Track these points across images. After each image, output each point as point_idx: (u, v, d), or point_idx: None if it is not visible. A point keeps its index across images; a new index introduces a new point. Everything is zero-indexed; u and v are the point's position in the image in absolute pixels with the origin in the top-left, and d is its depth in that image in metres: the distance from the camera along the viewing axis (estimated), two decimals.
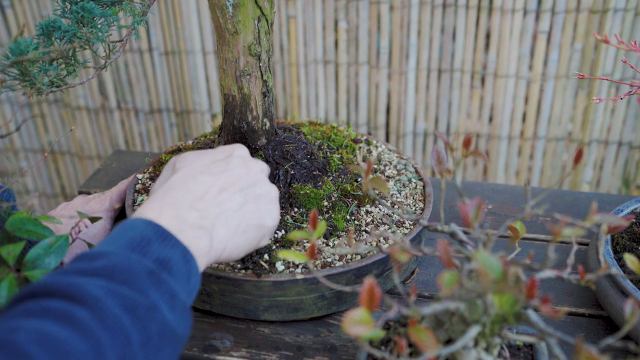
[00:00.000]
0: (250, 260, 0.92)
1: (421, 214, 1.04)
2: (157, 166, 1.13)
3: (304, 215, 0.99)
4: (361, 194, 1.03)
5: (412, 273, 1.05)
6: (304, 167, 1.03)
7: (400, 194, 1.08)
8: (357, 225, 1.00)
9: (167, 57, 2.19)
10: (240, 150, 0.87)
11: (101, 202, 1.07)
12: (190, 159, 0.83)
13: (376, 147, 1.21)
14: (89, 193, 1.28)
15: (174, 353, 0.66)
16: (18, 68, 0.82)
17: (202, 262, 0.73)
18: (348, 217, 1.01)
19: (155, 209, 0.73)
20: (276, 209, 0.86)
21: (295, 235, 0.73)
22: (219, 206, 0.77)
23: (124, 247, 0.67)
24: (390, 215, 1.03)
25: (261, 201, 0.83)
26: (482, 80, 2.11)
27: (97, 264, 0.63)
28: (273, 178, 1.02)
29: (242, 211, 0.80)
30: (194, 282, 0.70)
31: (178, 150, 1.16)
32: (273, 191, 0.86)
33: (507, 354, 0.76)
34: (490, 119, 2.16)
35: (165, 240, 0.69)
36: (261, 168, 0.87)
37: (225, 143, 1.04)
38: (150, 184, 1.09)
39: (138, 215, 0.73)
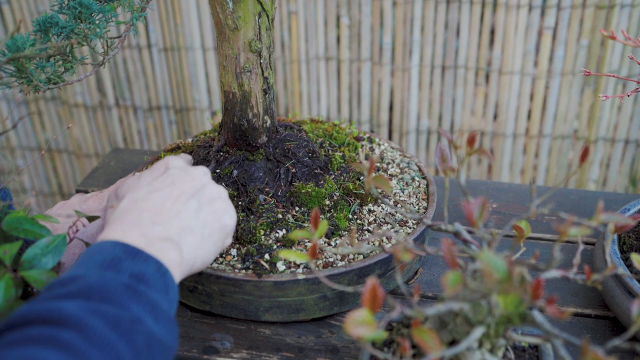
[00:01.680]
0: (251, 260, 0.92)
1: (424, 213, 1.04)
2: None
3: (306, 214, 0.99)
4: (363, 192, 1.03)
5: (416, 273, 1.05)
6: (305, 166, 1.03)
7: (403, 192, 1.08)
8: (360, 224, 1.00)
9: (166, 53, 2.19)
10: (174, 162, 0.88)
11: (99, 201, 1.07)
12: (131, 184, 0.85)
13: (379, 145, 1.21)
14: (86, 192, 1.28)
15: None
16: (15, 65, 0.82)
17: (177, 274, 0.73)
18: (350, 216, 1.01)
19: (118, 231, 0.73)
20: (231, 207, 0.87)
21: (296, 234, 0.73)
22: (178, 217, 0.78)
23: (95, 267, 0.66)
24: (393, 215, 1.03)
25: (215, 203, 0.84)
26: (487, 77, 2.11)
27: (72, 287, 0.63)
28: (274, 176, 1.02)
29: (201, 216, 0.81)
30: (172, 294, 0.70)
31: (177, 148, 1.16)
32: (222, 192, 0.87)
33: (512, 355, 0.76)
34: (495, 117, 2.16)
35: (136, 256, 0.69)
36: (203, 172, 0.88)
37: (226, 141, 1.04)
38: None
39: (102, 239, 0.72)
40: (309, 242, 0.96)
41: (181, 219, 0.78)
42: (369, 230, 0.99)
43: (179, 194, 0.81)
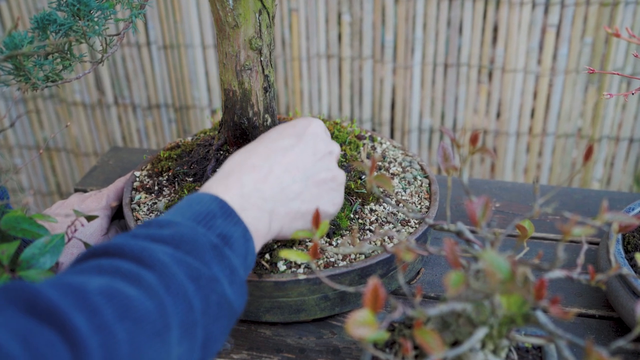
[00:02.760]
0: None
1: (427, 212, 1.04)
2: (155, 163, 1.13)
3: None
4: (365, 191, 1.03)
5: (418, 273, 1.05)
6: None
7: (405, 191, 1.08)
8: (361, 224, 1.00)
9: (165, 51, 2.19)
10: (314, 128, 0.88)
11: (98, 200, 1.07)
12: (263, 134, 0.88)
13: (380, 143, 1.21)
14: (85, 191, 1.28)
15: (228, 325, 0.69)
16: (12, 62, 0.82)
17: (259, 243, 0.77)
18: (352, 215, 1.01)
19: (221, 185, 0.77)
20: (340, 195, 0.89)
21: (297, 234, 0.73)
22: (280, 188, 0.80)
23: (190, 219, 0.71)
24: (395, 214, 1.03)
25: (324, 186, 0.85)
26: (490, 75, 2.11)
27: (166, 231, 0.68)
28: None
29: (303, 195, 0.82)
30: (250, 261, 0.74)
31: (177, 147, 1.16)
32: (339, 177, 0.88)
33: (515, 356, 0.76)
34: (498, 115, 2.16)
35: (229, 217, 0.73)
36: (330, 150, 0.88)
37: (225, 140, 1.04)
38: (148, 182, 1.09)
39: (205, 189, 0.77)
40: (310, 241, 0.96)
41: (282, 191, 0.80)
42: (370, 230, 0.99)
43: (293, 166, 0.82)
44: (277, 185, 0.80)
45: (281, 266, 0.92)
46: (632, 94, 0.94)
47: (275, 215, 0.79)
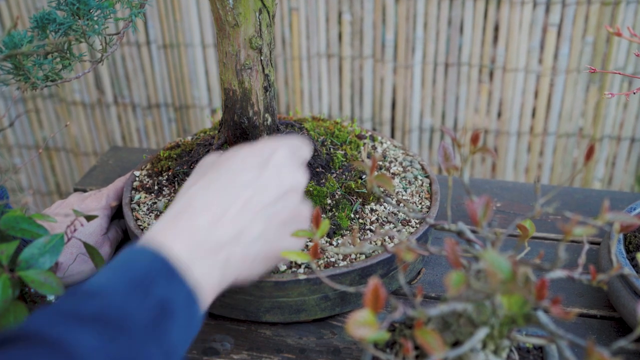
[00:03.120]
0: None
1: (427, 212, 1.04)
2: (154, 163, 1.13)
3: None
4: (366, 191, 1.03)
5: (419, 273, 1.05)
6: (306, 164, 1.03)
7: (406, 191, 1.08)
8: (362, 223, 1.00)
9: (165, 50, 2.19)
10: (280, 156, 0.77)
11: (97, 200, 1.07)
12: (220, 161, 0.77)
13: (381, 143, 1.21)
14: (84, 190, 1.28)
15: None
16: (12, 62, 0.82)
17: (210, 296, 0.69)
18: (352, 215, 1.01)
19: (171, 230, 0.68)
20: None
21: (297, 234, 0.73)
22: (239, 231, 0.71)
23: (125, 283, 0.62)
24: (395, 214, 1.03)
25: (287, 226, 0.76)
26: (491, 75, 2.11)
27: (92, 305, 0.59)
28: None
29: (263, 237, 0.73)
30: (195, 326, 0.66)
31: (177, 147, 1.16)
32: (304, 212, 0.78)
33: (516, 356, 0.76)
34: (499, 115, 2.16)
35: (173, 277, 0.64)
36: (296, 182, 0.77)
37: (225, 140, 1.04)
38: (148, 181, 1.09)
39: (153, 235, 0.67)
40: (310, 241, 0.96)
41: (240, 234, 0.71)
42: (371, 230, 0.99)
43: (254, 204, 0.72)
44: (235, 226, 0.70)
45: (281, 266, 0.92)
46: (634, 93, 0.94)
47: (230, 262, 0.70)
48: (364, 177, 1.07)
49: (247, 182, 0.73)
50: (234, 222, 0.71)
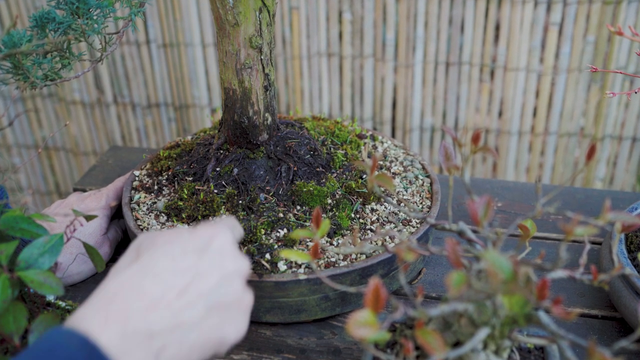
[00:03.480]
0: (252, 259, 0.92)
1: (428, 212, 1.04)
2: (154, 162, 1.13)
3: (307, 213, 0.99)
4: (366, 191, 1.03)
5: (419, 273, 1.05)
6: (306, 164, 1.03)
7: (406, 191, 1.08)
8: (362, 223, 1.00)
9: (165, 49, 2.19)
10: (220, 241, 0.72)
11: (97, 200, 1.07)
12: (158, 243, 0.71)
13: (382, 142, 1.21)
14: (84, 190, 1.28)
15: None
16: (11, 61, 0.82)
17: None
18: (353, 215, 1.01)
19: (101, 317, 0.61)
20: (244, 321, 0.72)
21: (298, 234, 0.73)
22: (175, 317, 0.65)
23: None
24: (396, 214, 1.03)
25: (228, 312, 0.70)
26: (492, 74, 2.11)
27: None
28: (275, 175, 1.02)
29: (202, 326, 0.67)
30: None
31: (176, 146, 1.16)
32: (246, 299, 0.72)
33: (517, 356, 0.76)
34: (500, 114, 2.16)
35: None
36: (238, 268, 0.72)
37: (225, 139, 1.04)
38: (147, 181, 1.09)
39: (79, 320, 0.61)
40: (310, 241, 0.96)
41: (177, 321, 0.65)
42: (371, 230, 0.99)
43: (193, 291, 0.67)
44: (170, 314, 0.64)
45: (282, 266, 0.92)
46: (635, 92, 0.94)
47: (165, 352, 0.64)
48: (364, 176, 1.07)
49: (186, 268, 0.68)
50: (170, 308, 0.65)
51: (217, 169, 1.03)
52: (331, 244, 0.96)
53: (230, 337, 0.70)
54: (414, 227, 1.01)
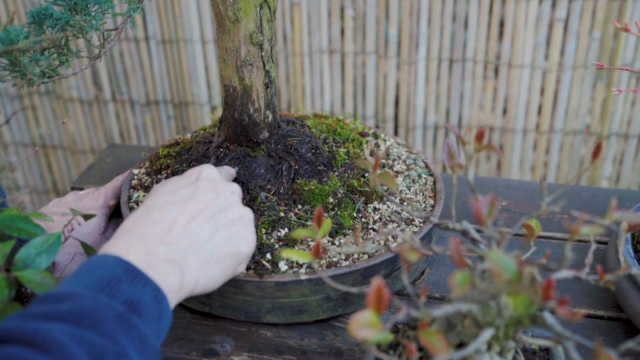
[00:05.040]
0: (252, 259, 0.92)
1: (431, 211, 1.04)
2: (153, 161, 1.13)
3: (309, 212, 0.99)
4: (368, 190, 1.03)
5: (422, 273, 1.05)
6: (308, 162, 1.03)
7: (409, 190, 1.08)
8: (364, 223, 1.00)
9: (164, 46, 2.19)
10: (207, 172, 0.87)
11: (95, 199, 1.07)
12: (156, 189, 0.84)
13: (384, 140, 1.21)
14: (82, 189, 1.28)
15: None
16: (8, 58, 0.82)
17: (173, 299, 0.73)
18: (355, 214, 1.01)
19: (124, 244, 0.73)
20: (251, 233, 0.85)
21: (299, 233, 0.73)
22: (188, 237, 0.77)
23: (91, 287, 0.66)
24: (399, 213, 1.03)
25: (234, 227, 0.83)
26: (496, 71, 2.11)
27: (63, 306, 0.63)
28: (276, 173, 1.02)
29: (213, 240, 0.80)
30: (165, 323, 0.70)
31: (176, 144, 1.16)
32: (247, 214, 0.86)
33: (522, 358, 0.76)
34: (504, 112, 2.16)
35: (136, 279, 0.68)
36: (232, 190, 0.86)
37: (226, 137, 1.04)
38: (146, 180, 1.09)
39: (106, 250, 0.72)
40: (312, 241, 0.96)
41: (190, 239, 0.77)
42: (374, 229, 0.99)
43: (197, 212, 0.80)
44: (185, 234, 0.77)
45: (283, 266, 0.92)
46: None
47: (187, 267, 0.75)
48: (366, 175, 1.07)
49: (187, 197, 0.81)
50: (183, 230, 0.77)
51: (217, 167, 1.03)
52: (333, 243, 0.96)
53: (242, 248, 0.83)
54: (417, 226, 1.01)
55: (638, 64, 1.96)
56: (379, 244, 0.97)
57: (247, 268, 0.92)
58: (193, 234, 0.78)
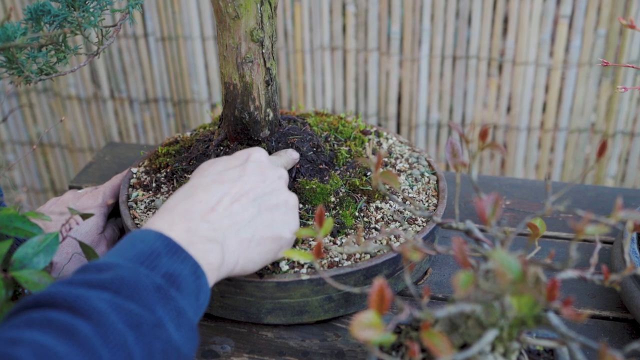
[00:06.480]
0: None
1: (434, 210, 1.04)
2: (152, 159, 1.13)
3: (310, 211, 0.99)
4: (371, 189, 1.03)
5: (425, 273, 1.05)
6: (309, 161, 1.03)
7: (412, 189, 1.08)
8: (367, 222, 1.00)
9: (163, 43, 2.19)
10: (256, 155, 0.88)
11: (93, 198, 1.07)
12: (204, 167, 0.86)
13: (387, 139, 1.21)
14: (80, 188, 1.28)
15: None
16: (5, 55, 0.82)
17: (212, 277, 0.74)
18: (357, 213, 1.01)
19: (166, 220, 0.75)
20: (295, 219, 0.87)
21: (300, 233, 0.73)
22: (230, 217, 0.79)
23: (132, 259, 0.68)
24: (401, 212, 1.03)
25: (277, 211, 0.84)
26: (500, 68, 2.11)
27: (105, 275, 0.65)
28: None
29: (255, 222, 0.81)
30: (203, 299, 0.72)
31: (175, 143, 1.16)
32: (291, 200, 0.87)
33: (526, 359, 0.76)
34: (508, 109, 2.16)
35: (175, 254, 0.71)
36: (279, 175, 0.88)
37: (226, 136, 1.04)
38: (145, 178, 1.09)
39: (148, 226, 0.75)
40: (313, 240, 0.96)
41: (232, 220, 0.79)
42: (376, 229, 0.99)
43: (242, 194, 0.81)
44: (227, 215, 0.79)
45: (283, 266, 0.92)
46: None
47: (227, 247, 0.77)
48: (368, 174, 1.07)
49: (233, 178, 0.83)
50: (226, 211, 0.79)
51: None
52: (334, 243, 0.96)
53: (284, 233, 0.84)
54: (419, 225, 1.01)
55: None
56: (381, 243, 0.97)
57: None
58: (235, 215, 0.79)
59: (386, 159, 1.14)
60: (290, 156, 1.00)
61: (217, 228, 0.77)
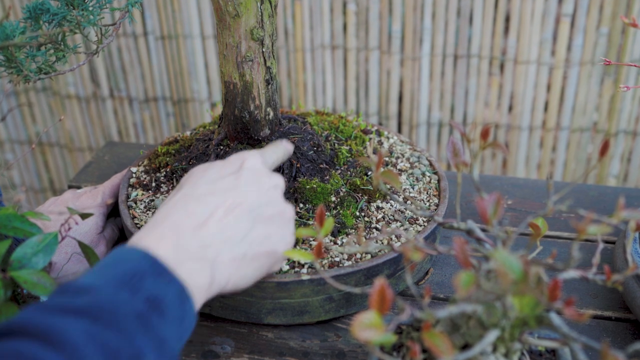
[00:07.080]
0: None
1: (436, 210, 1.04)
2: (152, 159, 1.13)
3: (310, 211, 0.99)
4: (371, 188, 1.03)
5: (426, 273, 1.05)
6: (310, 160, 1.03)
7: (413, 188, 1.08)
8: (367, 222, 1.00)
9: (163, 41, 2.19)
10: (251, 162, 0.83)
11: (93, 197, 1.07)
12: (196, 174, 0.81)
13: (388, 138, 1.21)
14: (79, 187, 1.28)
15: None
16: (4, 54, 0.82)
17: (200, 298, 0.71)
18: (357, 213, 1.01)
19: (155, 234, 0.71)
20: (291, 232, 0.83)
21: (300, 232, 0.73)
22: (223, 232, 0.75)
23: (113, 281, 0.64)
24: (402, 212, 1.03)
25: (272, 224, 0.80)
26: (501, 67, 2.10)
27: (83, 300, 0.62)
28: (277, 171, 1.02)
29: (250, 237, 0.77)
30: (188, 324, 0.68)
31: (175, 142, 1.16)
32: (288, 211, 0.83)
33: (528, 359, 0.76)
34: (510, 108, 2.16)
35: (161, 275, 0.67)
36: (275, 184, 0.83)
37: (226, 135, 1.04)
38: (145, 178, 1.09)
39: (136, 241, 0.71)
40: (313, 240, 0.96)
41: (225, 234, 0.75)
42: (377, 228, 0.99)
43: (236, 205, 0.77)
44: (219, 228, 0.74)
45: (284, 266, 0.92)
46: None
47: (219, 265, 0.73)
48: (369, 173, 1.07)
49: (225, 189, 0.78)
50: (218, 224, 0.75)
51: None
52: (335, 243, 0.96)
53: (279, 247, 0.80)
54: (420, 225, 1.01)
55: None
56: (382, 243, 0.97)
57: None
58: (228, 229, 0.75)
59: (387, 159, 1.14)
60: (286, 149, 0.95)
61: (208, 244, 0.73)
